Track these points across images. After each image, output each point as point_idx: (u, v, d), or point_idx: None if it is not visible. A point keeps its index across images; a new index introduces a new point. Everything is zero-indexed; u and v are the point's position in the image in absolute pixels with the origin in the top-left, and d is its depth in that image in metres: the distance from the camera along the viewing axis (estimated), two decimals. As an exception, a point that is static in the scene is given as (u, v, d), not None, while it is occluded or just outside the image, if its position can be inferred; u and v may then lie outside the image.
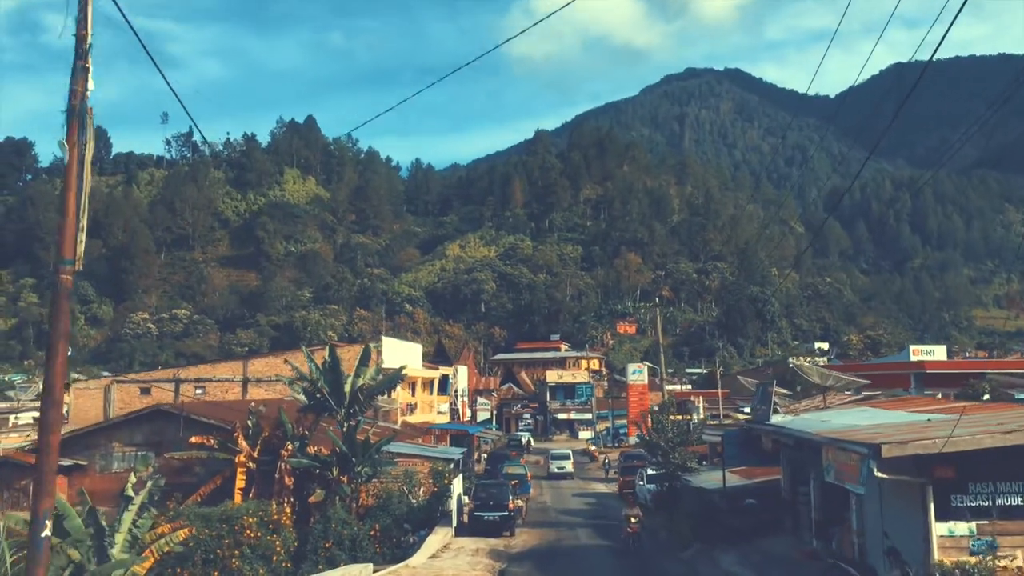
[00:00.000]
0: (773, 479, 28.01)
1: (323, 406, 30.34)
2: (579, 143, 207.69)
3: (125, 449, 30.62)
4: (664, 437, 34.84)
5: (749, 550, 23.82)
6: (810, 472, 21.72)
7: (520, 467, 46.43)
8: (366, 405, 31.87)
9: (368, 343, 35.61)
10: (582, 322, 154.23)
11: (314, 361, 31.72)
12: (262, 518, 23.98)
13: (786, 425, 23.17)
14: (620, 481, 46.37)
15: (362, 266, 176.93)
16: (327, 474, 28.02)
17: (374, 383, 31.63)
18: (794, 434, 21.04)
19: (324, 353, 31.81)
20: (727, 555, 23.89)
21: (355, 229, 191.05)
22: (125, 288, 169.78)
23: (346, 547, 25.08)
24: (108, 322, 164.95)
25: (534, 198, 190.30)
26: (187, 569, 21.52)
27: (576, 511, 39.61)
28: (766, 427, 24.09)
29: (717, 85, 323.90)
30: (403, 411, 54.05)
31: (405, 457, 35.41)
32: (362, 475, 28.39)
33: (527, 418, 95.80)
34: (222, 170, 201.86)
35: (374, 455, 28.81)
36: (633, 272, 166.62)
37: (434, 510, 30.07)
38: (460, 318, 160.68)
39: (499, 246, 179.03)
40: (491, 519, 30.46)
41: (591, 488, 51.56)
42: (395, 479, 31.41)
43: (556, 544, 29.39)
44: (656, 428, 35.93)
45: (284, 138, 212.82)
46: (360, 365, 31.48)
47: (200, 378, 51.64)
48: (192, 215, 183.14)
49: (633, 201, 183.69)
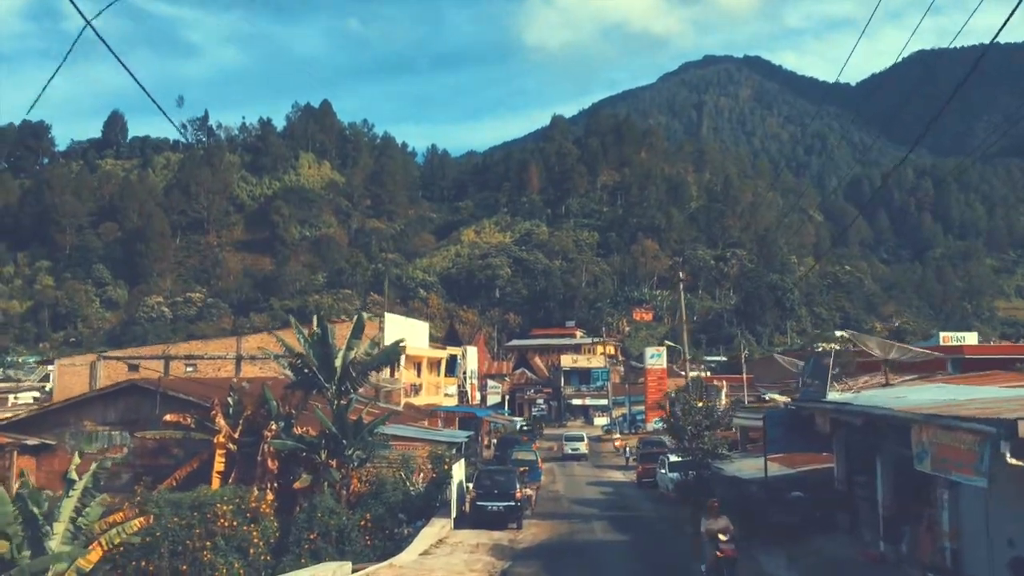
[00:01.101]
0: (823, 468, 24.96)
1: (312, 382, 27.97)
2: (596, 129, 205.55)
3: (98, 428, 28.28)
4: (691, 420, 31.49)
5: (798, 551, 20.62)
6: (875, 459, 18.65)
7: (530, 452, 44.04)
8: (359, 382, 29.22)
9: (361, 313, 32.49)
10: (598, 308, 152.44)
11: (303, 333, 28.96)
12: (239, 505, 22.03)
13: (853, 402, 19.56)
14: (639, 469, 43.77)
15: (376, 251, 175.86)
16: (314, 457, 25.92)
17: (368, 358, 29.27)
18: (868, 412, 17.08)
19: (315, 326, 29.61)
20: (771, 557, 20.87)
21: (370, 214, 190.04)
22: (140, 271, 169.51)
23: (333, 539, 23.00)
24: (123, 305, 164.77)
25: (550, 184, 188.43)
26: (152, 562, 19.45)
27: (591, 501, 36.80)
28: (823, 405, 20.70)
29: (736, 72, 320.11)
30: (407, 392, 52.11)
31: (402, 440, 33.37)
32: (353, 459, 26.36)
33: (540, 404, 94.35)
34: (237, 154, 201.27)
35: (367, 437, 26.66)
36: (650, 258, 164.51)
37: (433, 499, 27.86)
38: (474, 304, 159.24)
39: (514, 232, 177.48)
40: (495, 509, 27.52)
41: (607, 476, 49.09)
42: (391, 464, 29.52)
43: (569, 539, 26.46)
44: (683, 410, 32.54)
45: (299, 123, 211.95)
46: (352, 337, 28.87)
47: (191, 355, 49.71)
48: (207, 199, 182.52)
49: (651, 187, 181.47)
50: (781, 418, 24.96)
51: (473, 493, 28.00)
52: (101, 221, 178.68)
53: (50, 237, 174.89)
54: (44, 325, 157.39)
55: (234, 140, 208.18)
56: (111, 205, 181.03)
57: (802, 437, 23.60)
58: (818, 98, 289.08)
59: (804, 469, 25.78)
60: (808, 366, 24.73)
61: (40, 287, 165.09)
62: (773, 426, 24.54)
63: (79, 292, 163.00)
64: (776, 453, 25.89)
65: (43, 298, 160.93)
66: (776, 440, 24.69)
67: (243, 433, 27.45)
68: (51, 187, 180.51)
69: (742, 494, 25.97)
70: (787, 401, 33.04)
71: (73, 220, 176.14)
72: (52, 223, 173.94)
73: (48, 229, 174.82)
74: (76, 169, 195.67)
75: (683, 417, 31.94)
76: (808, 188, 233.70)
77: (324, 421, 26.02)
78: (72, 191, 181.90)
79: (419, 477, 30.20)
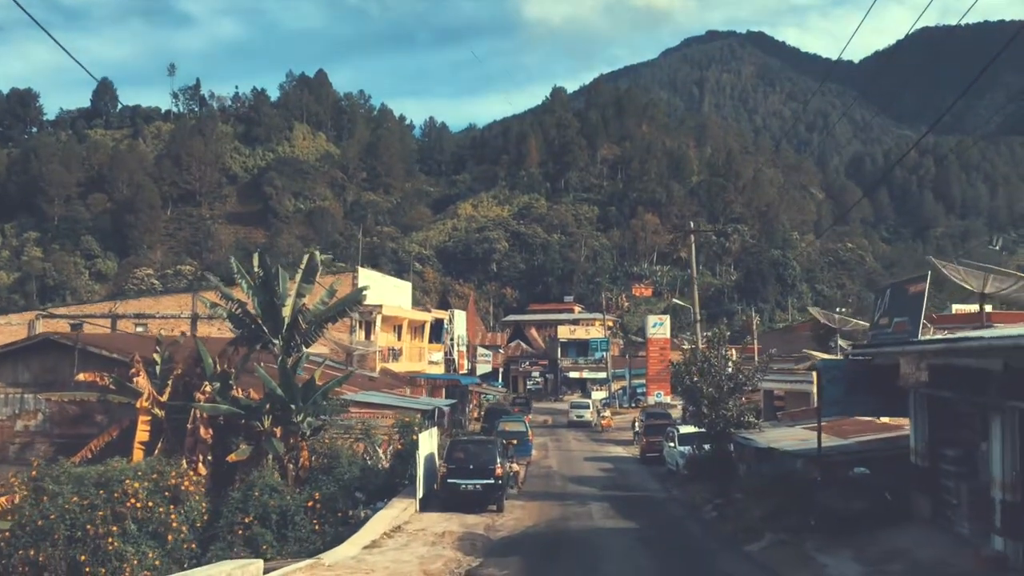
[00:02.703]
0: (891, 437, 20.53)
1: (255, 336, 24.32)
2: (597, 101, 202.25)
3: (9, 390, 24.59)
4: (712, 381, 27.36)
5: (872, 551, 15.51)
6: (986, 422, 14.03)
7: (520, 423, 39.75)
8: (313, 335, 25.36)
9: (314, 252, 27.25)
10: (596, 283, 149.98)
11: (246, 278, 24.61)
12: (157, 482, 18.80)
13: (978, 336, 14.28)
14: (643, 442, 40.34)
15: (372, 224, 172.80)
16: (256, 424, 22.52)
17: (324, 307, 25.42)
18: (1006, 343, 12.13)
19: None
20: (836, 558, 15.57)
21: (366, 187, 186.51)
22: (130, 243, 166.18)
23: (273, 523, 19.57)
24: (112, 277, 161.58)
25: (550, 157, 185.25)
26: (44, 551, 16.06)
27: (589, 479, 33.11)
28: (916, 347, 15.10)
29: (739, 48, 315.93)
30: (384, 356, 48.25)
31: (370, 408, 29.89)
32: (303, 427, 22.85)
33: (536, 376, 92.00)
34: (230, 125, 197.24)
35: (320, 401, 23.20)
36: (650, 233, 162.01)
37: (400, 475, 24.27)
38: (471, 278, 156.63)
39: (513, 206, 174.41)
40: (469, 488, 23.21)
41: (606, 451, 46.11)
42: (351, 434, 26.16)
43: (560, 526, 21.96)
44: (700, 370, 28.11)
45: (294, 93, 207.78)
46: (303, 282, 25.01)
47: (141, 313, 46.05)
48: (199, 170, 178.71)
49: (651, 161, 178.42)
50: (842, 371, 19.17)
51: (444, 468, 23.87)
52: (90, 192, 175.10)
53: (38, 208, 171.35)
54: (32, 297, 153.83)
55: (227, 110, 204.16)
56: (100, 175, 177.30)
57: (871, 395, 18.42)
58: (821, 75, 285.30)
59: (863, 439, 21.08)
60: (884, 300, 18.77)
61: (28, 258, 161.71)
62: (832, 382, 18.67)
63: (67, 264, 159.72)
64: (835, 416, 21.20)
65: (31, 269, 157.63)
66: (835, 400, 18.79)
67: (172, 396, 23.88)
68: (39, 156, 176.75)
69: (783, 472, 21.09)
70: (847, 349, 29.09)
71: (61, 190, 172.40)
72: (40, 193, 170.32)
73: (36, 199, 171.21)
74: (64, 139, 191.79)
75: (701, 379, 27.84)
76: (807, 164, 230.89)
77: (267, 381, 22.40)
78: (60, 161, 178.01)
79: (387, 449, 26.75)
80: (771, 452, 22.83)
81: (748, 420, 27.18)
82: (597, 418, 62.29)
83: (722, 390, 27.04)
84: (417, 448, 23.43)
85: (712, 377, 27.32)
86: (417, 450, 23.35)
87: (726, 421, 26.74)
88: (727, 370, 27.69)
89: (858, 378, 18.45)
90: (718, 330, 30.34)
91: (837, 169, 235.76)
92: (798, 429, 26.12)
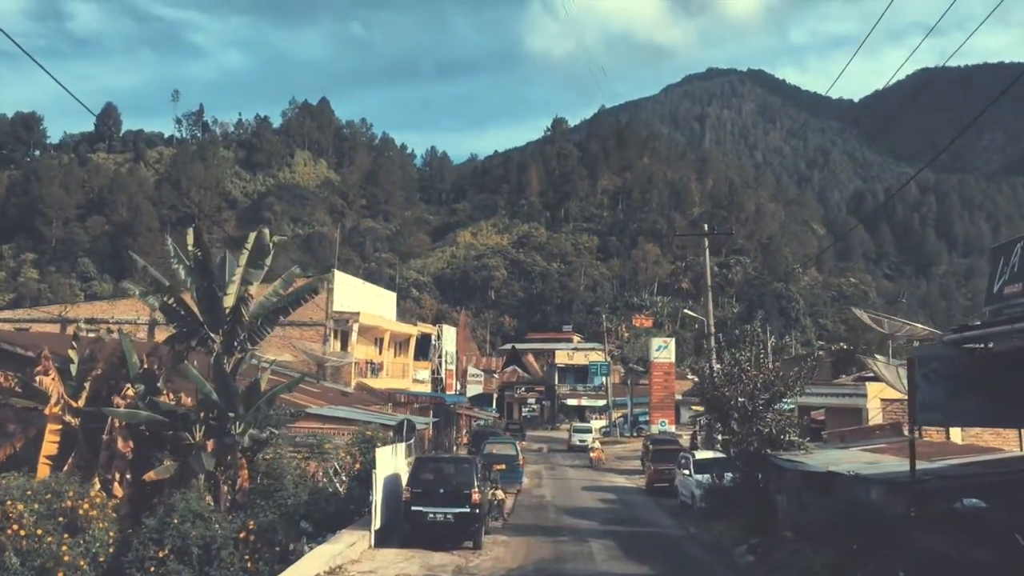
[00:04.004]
0: (1006, 459, 16.33)
1: (192, 331, 20.49)
2: (598, 132, 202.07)
3: None
4: (741, 390, 22.75)
5: None
6: None
7: (510, 446, 35.52)
8: (261, 330, 21.48)
9: (263, 230, 23.04)
10: (596, 313, 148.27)
11: (182, 259, 20.84)
12: (50, 505, 16.05)
13: None
14: (651, 471, 35.89)
15: (370, 251, 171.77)
16: (185, 436, 19.14)
17: (276, 298, 21.71)
18: None
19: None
20: None
21: (365, 214, 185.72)
22: (127, 265, 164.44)
23: (194, 558, 16.27)
24: (107, 299, 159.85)
25: (550, 187, 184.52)
26: None
27: (588, 511, 28.79)
28: None
29: (739, 85, 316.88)
30: (361, 371, 45.30)
31: (325, 421, 26.56)
32: (243, 440, 19.30)
33: (532, 403, 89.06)
34: (232, 150, 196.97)
35: (265, 409, 19.90)
36: (651, 263, 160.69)
37: (359, 501, 20.47)
38: (469, 305, 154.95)
39: (512, 234, 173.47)
40: (438, 518, 19.23)
41: (607, 480, 41.58)
42: (304, 450, 22.50)
43: (553, 569, 17.85)
44: (727, 374, 23.39)
45: (296, 119, 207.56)
46: (250, 267, 20.92)
47: (93, 318, 42.45)
48: (199, 194, 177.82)
49: (653, 191, 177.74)
50: (946, 364, 13.63)
51: (408, 493, 19.76)
52: (89, 214, 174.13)
53: (36, 229, 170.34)
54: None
55: (229, 136, 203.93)
56: (100, 198, 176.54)
57: (985, 398, 13.48)
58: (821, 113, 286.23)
59: (959, 462, 16.07)
60: (1015, 258, 12.82)
61: (24, 279, 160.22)
62: (931, 378, 13.50)
63: (63, 286, 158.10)
64: (933, 425, 17.07)
65: (26, 291, 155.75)
66: (933, 405, 13.62)
67: (90, 402, 20.25)
68: (39, 179, 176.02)
69: (852, 505, 15.72)
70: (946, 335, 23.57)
71: (60, 213, 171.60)
72: (39, 215, 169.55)
73: (34, 221, 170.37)
74: (66, 162, 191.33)
75: (729, 386, 22.90)
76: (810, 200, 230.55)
77: (201, 384, 19.15)
78: (61, 183, 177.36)
79: (355, 467, 22.84)
80: (830, 479, 17.15)
81: (790, 439, 22.02)
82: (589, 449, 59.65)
83: (756, 400, 22.43)
84: (375, 467, 19.56)
85: (743, 384, 22.54)
86: (375, 469, 19.44)
87: (761, 440, 21.86)
88: (759, 377, 22.71)
89: (969, 374, 13.35)
90: (749, 328, 26.02)
91: (838, 205, 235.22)
92: (854, 451, 21.28)
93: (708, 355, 35.77)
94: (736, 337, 27.51)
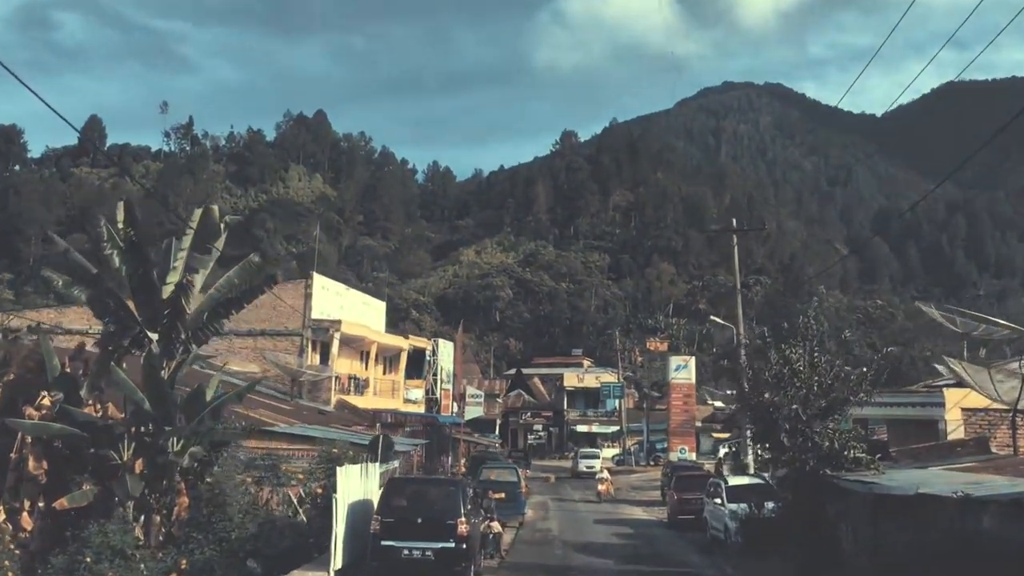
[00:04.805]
0: None
1: (125, 327, 17.67)
2: (609, 146, 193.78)
3: None
4: (795, 394, 18.36)
5: None
6: None
7: (510, 472, 32.28)
8: (208, 328, 18.49)
9: (211, 207, 19.40)
10: (607, 336, 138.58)
11: (116, 242, 17.98)
12: None
13: None
14: (674, 501, 31.77)
15: (368, 270, 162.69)
16: (109, 455, 16.59)
17: (227, 287, 18.66)
18: None
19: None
20: None
21: (363, 231, 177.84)
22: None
23: None
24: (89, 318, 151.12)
25: (559, 203, 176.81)
26: None
27: (602, 547, 25.01)
28: None
29: (756, 99, 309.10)
30: (343, 387, 40.48)
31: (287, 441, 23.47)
32: (181, 460, 16.83)
33: (538, 430, 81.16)
34: (222, 164, 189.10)
35: (210, 423, 17.32)
36: (666, 283, 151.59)
37: (321, 533, 17.37)
38: (472, 328, 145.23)
39: (518, 252, 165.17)
40: (415, 556, 15.90)
41: (623, 512, 37.52)
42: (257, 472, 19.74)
43: None
44: (776, 376, 19.05)
45: (290, 132, 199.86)
46: (194, 251, 17.94)
47: (37, 328, 36.31)
48: (186, 210, 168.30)
49: (667, 207, 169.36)
50: None
51: (376, 524, 16.31)
52: (71, 231, 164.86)
53: (14, 247, 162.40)
54: None
55: (220, 149, 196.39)
56: (82, 214, 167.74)
57: None
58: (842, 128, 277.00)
59: None
60: None
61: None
62: None
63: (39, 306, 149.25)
64: None
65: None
66: None
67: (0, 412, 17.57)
68: (19, 193, 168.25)
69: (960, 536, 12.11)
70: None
71: (39, 230, 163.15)
72: (16, 232, 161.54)
73: (12, 238, 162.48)
74: (48, 176, 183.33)
75: (779, 392, 18.63)
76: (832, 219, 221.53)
77: (131, 391, 16.57)
78: (40, 199, 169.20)
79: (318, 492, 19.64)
80: (918, 504, 13.61)
81: (855, 456, 17.99)
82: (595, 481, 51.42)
83: (811, 408, 18.32)
84: (335, 491, 16.40)
85: (795, 388, 18.40)
86: (335, 493, 16.34)
87: (819, 458, 18.12)
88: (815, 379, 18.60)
89: None
90: (801, 320, 21.26)
91: (862, 224, 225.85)
92: (935, 471, 18.23)
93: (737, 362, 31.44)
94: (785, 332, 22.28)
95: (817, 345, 20.38)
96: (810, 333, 20.58)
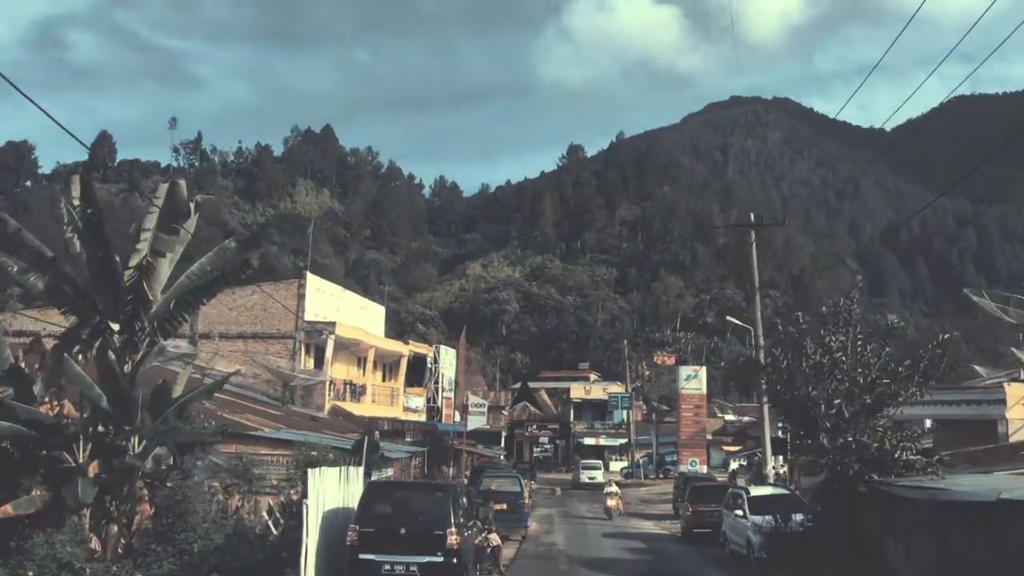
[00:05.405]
0: None
1: (84, 316, 16.41)
2: (616, 160, 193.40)
3: None
4: (836, 388, 16.91)
5: None
6: None
7: (513, 481, 30.48)
8: (175, 317, 16.74)
9: (177, 180, 17.96)
10: (615, 350, 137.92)
11: (75, 223, 16.84)
12: None
13: None
14: (689, 513, 30.37)
15: (374, 283, 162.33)
16: (62, 457, 15.37)
17: (199, 274, 16.99)
18: None
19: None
20: None
21: (369, 245, 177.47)
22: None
23: None
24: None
25: (565, 217, 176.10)
26: None
27: (611, 563, 23.42)
28: None
29: (764, 114, 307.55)
30: (339, 393, 39.53)
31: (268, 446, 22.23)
32: (143, 464, 15.37)
33: (544, 442, 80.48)
34: (230, 179, 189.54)
35: (175, 422, 15.96)
36: (673, 297, 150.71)
37: (296, 544, 15.20)
38: (478, 341, 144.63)
39: (525, 266, 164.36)
40: (397, 571, 14.58)
41: (633, 526, 35.98)
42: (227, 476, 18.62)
43: None
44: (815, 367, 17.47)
45: (298, 147, 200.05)
46: (160, 232, 16.17)
47: (21, 331, 35.74)
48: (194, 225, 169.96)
49: (674, 221, 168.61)
50: None
51: (354, 534, 14.87)
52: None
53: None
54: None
55: (228, 165, 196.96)
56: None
57: None
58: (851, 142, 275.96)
59: None
60: None
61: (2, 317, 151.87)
62: None
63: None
64: None
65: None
66: None
67: None
68: (28, 208, 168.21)
69: None
70: None
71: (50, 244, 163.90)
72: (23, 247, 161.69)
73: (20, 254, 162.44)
74: (57, 192, 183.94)
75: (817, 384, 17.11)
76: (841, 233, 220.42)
77: (87, 387, 15.12)
78: (50, 214, 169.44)
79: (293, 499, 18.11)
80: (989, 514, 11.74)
81: (907, 459, 16.23)
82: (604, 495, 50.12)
83: (854, 404, 16.63)
84: (307, 496, 14.97)
85: (837, 382, 16.69)
86: (306, 500, 14.85)
87: (865, 461, 16.35)
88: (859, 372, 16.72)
89: None
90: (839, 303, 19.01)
91: (871, 238, 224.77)
92: (1001, 476, 16.48)
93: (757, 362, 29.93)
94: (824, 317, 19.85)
95: (860, 333, 18.41)
96: (853, 318, 18.67)
